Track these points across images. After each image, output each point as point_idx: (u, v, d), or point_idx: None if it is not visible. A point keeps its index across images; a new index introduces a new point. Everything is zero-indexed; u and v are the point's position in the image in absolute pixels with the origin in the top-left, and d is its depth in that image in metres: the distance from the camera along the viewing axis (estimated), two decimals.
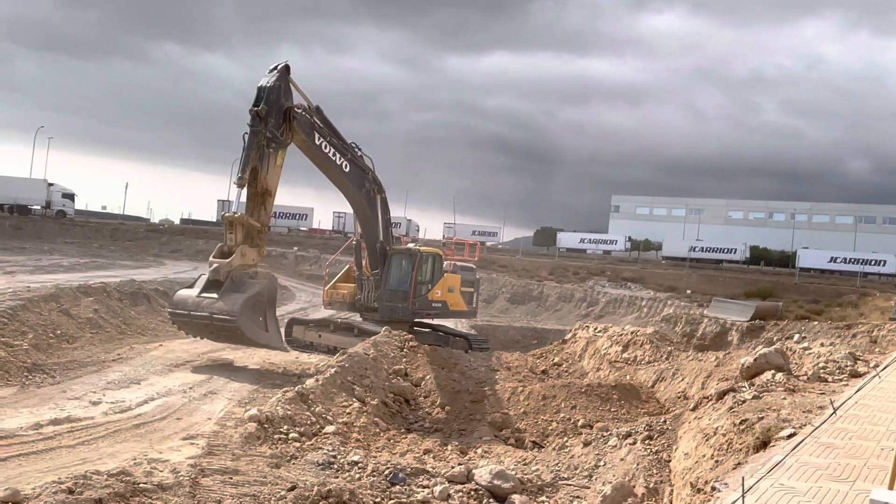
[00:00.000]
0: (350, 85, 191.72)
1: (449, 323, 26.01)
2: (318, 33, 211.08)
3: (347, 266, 24.81)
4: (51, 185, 65.47)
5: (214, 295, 17.18)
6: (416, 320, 23.40)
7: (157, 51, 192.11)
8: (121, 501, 7.68)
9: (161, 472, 8.73)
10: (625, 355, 21.54)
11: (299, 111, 18.47)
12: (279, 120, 17.74)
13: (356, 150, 20.90)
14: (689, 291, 44.09)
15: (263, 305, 17.91)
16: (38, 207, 63.88)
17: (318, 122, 19.31)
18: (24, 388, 13.74)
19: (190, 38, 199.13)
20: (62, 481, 7.86)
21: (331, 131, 19.71)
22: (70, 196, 66.65)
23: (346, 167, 20.35)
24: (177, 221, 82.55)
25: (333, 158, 19.88)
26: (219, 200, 79.08)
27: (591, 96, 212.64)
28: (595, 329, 25.24)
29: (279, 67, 18.18)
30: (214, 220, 77.70)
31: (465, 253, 29.35)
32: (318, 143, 19.21)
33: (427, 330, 23.52)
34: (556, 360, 23.95)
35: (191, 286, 18.41)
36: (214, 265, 17.37)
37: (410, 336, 19.47)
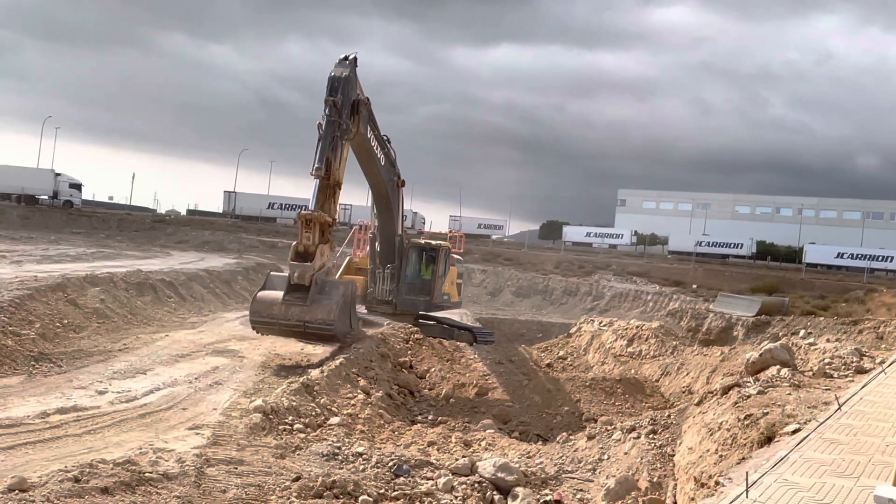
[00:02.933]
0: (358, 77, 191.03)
1: (454, 315, 26.04)
2: (326, 25, 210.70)
3: (347, 258, 24.84)
4: (58, 175, 65.65)
5: (301, 300, 16.62)
6: (420, 312, 23.46)
7: (166, 41, 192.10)
8: (126, 490, 7.73)
9: (166, 461, 8.78)
10: (630, 349, 21.53)
11: (365, 104, 18.35)
12: (349, 111, 17.58)
13: (388, 143, 20.98)
14: (694, 286, 43.99)
15: (349, 306, 17.75)
16: (46, 197, 64.09)
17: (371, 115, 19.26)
18: (30, 377, 13.81)
19: (198, 29, 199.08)
20: (68, 470, 7.91)
21: (376, 124, 19.73)
22: (77, 186, 66.84)
23: (381, 160, 20.40)
24: (183, 212, 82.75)
25: (376, 151, 19.90)
26: (225, 192, 79.32)
27: (599, 90, 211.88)
28: (600, 323, 25.24)
29: (350, 58, 18.05)
30: (220, 211, 77.93)
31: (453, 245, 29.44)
32: (368, 135, 19.18)
33: (432, 323, 23.58)
34: (561, 353, 23.98)
35: (265, 287, 17.71)
36: (298, 270, 16.68)
37: (416, 328, 19.54)
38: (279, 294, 16.84)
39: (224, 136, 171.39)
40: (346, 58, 18.01)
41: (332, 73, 17.55)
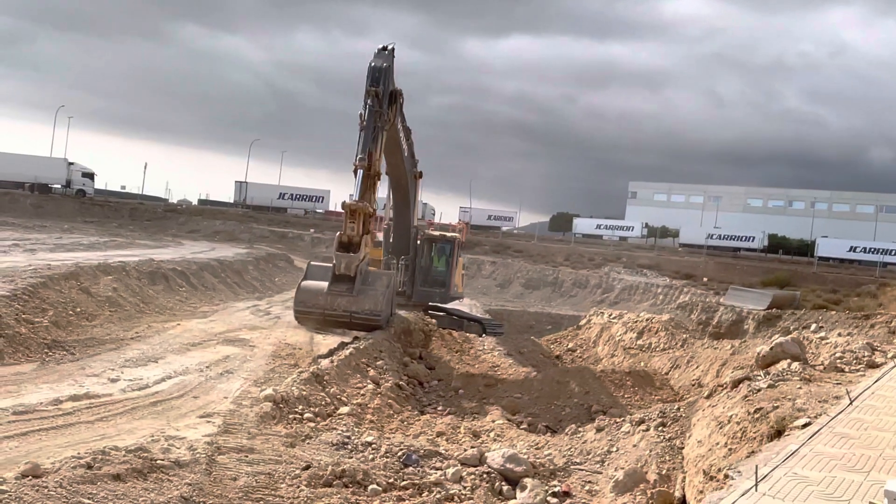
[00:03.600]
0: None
1: (464, 307, 26.08)
2: (337, 15, 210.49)
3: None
4: (71, 164, 66.03)
5: (347, 290, 16.62)
6: (430, 304, 23.51)
7: (179, 32, 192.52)
8: (138, 477, 7.80)
9: (178, 449, 8.85)
10: (639, 342, 21.50)
11: (401, 94, 18.32)
12: (387, 102, 17.56)
13: (410, 135, 21.04)
14: (705, 279, 43.81)
15: (392, 296, 17.74)
16: (59, 186, 64.49)
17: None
18: (44, 365, 13.93)
19: (211, 19, 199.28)
20: (81, 456, 7.99)
21: (404, 115, 19.74)
22: (90, 175, 67.19)
23: (405, 152, 20.44)
24: (195, 202, 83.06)
25: (402, 143, 19.93)
26: (236, 182, 79.58)
27: (611, 81, 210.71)
28: (610, 315, 25.20)
29: (389, 49, 18.00)
30: (231, 201, 78.18)
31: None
32: (398, 126, 19.20)
33: (442, 314, 23.63)
34: (571, 345, 23.98)
35: (307, 277, 17.67)
36: (344, 261, 16.65)
37: (434, 320, 19.64)
38: (323, 284, 16.86)
39: (235, 127, 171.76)
40: (384, 48, 18.03)
41: (373, 64, 17.55)
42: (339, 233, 17.13)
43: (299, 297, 17.20)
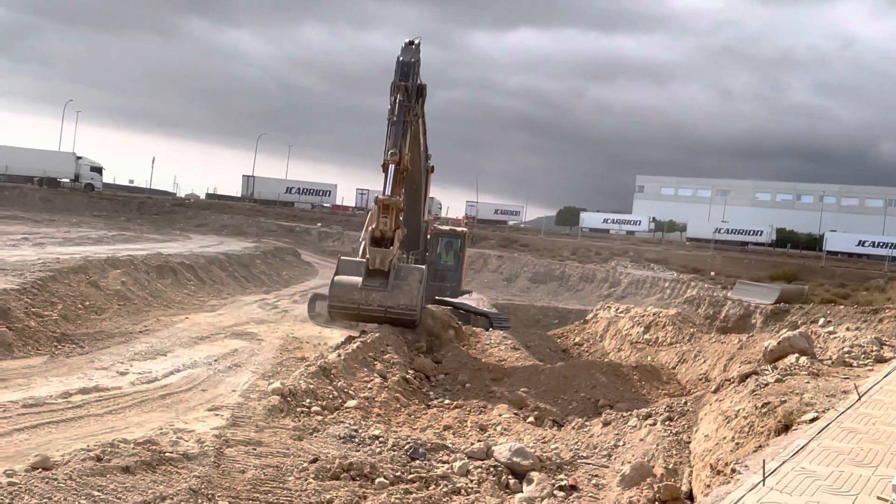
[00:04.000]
0: (375, 61, 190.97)
1: (470, 301, 26.09)
2: (343, 9, 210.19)
3: (362, 244, 24.88)
4: (79, 158, 66.27)
5: (381, 285, 16.59)
6: (437, 297, 23.52)
7: (186, 26, 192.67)
8: (147, 469, 7.85)
9: (187, 441, 8.91)
10: (646, 336, 21.48)
11: (425, 88, 18.34)
12: (415, 97, 17.57)
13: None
14: (713, 273, 43.65)
15: (423, 290, 17.76)
16: (67, 180, 64.74)
17: None
18: (53, 358, 14.03)
19: (218, 13, 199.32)
20: (90, 449, 8.05)
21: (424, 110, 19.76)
22: (98, 169, 67.42)
23: (422, 146, 20.46)
24: (202, 196, 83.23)
25: (421, 137, 19.92)
26: (243, 176, 79.73)
27: (618, 74, 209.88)
28: (617, 310, 25.18)
29: (416, 43, 17.98)
30: (239, 195, 78.34)
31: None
32: (420, 121, 19.19)
33: (448, 308, 23.65)
34: (577, 339, 23.99)
35: (339, 272, 17.47)
36: (379, 256, 16.60)
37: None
38: (356, 279, 16.81)
39: (243, 121, 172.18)
40: (411, 42, 18.04)
41: (402, 58, 17.57)
42: (371, 227, 17.16)
43: (334, 293, 16.98)
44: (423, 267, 18.78)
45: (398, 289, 16.63)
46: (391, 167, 16.72)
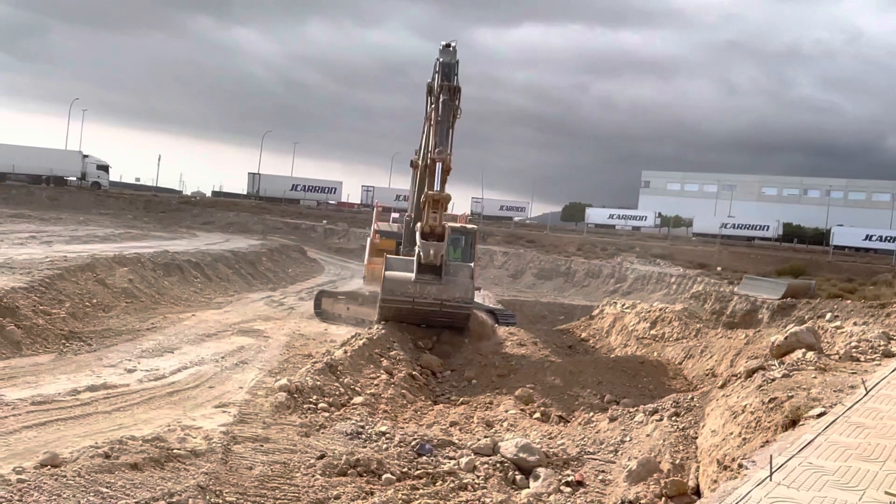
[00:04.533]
0: (380, 58, 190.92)
1: (476, 297, 26.07)
2: (348, 6, 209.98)
3: (369, 241, 24.90)
4: (86, 156, 66.51)
5: (435, 279, 16.58)
6: None
7: (191, 24, 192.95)
8: (155, 466, 7.89)
9: (194, 438, 8.95)
10: (652, 332, 21.42)
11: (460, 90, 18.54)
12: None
13: None
14: (719, 269, 43.51)
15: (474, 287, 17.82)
16: (74, 179, 64.99)
17: None
18: (61, 356, 14.10)
19: (223, 11, 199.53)
20: (99, 446, 8.10)
21: None
22: (105, 168, 67.66)
23: None
24: (208, 194, 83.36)
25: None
26: (249, 173, 79.91)
27: (623, 70, 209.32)
28: (623, 305, 25.11)
29: (453, 46, 18.35)
30: (245, 192, 78.49)
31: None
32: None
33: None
34: (584, 335, 23.92)
35: (389, 268, 17.49)
36: (433, 249, 16.61)
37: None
38: (408, 274, 16.80)
39: (248, 118, 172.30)
40: (448, 45, 18.32)
41: (443, 60, 18.04)
42: (420, 223, 17.18)
43: (387, 287, 16.84)
44: (472, 264, 18.90)
45: (452, 283, 16.63)
46: (438, 165, 16.94)
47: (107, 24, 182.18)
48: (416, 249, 17.21)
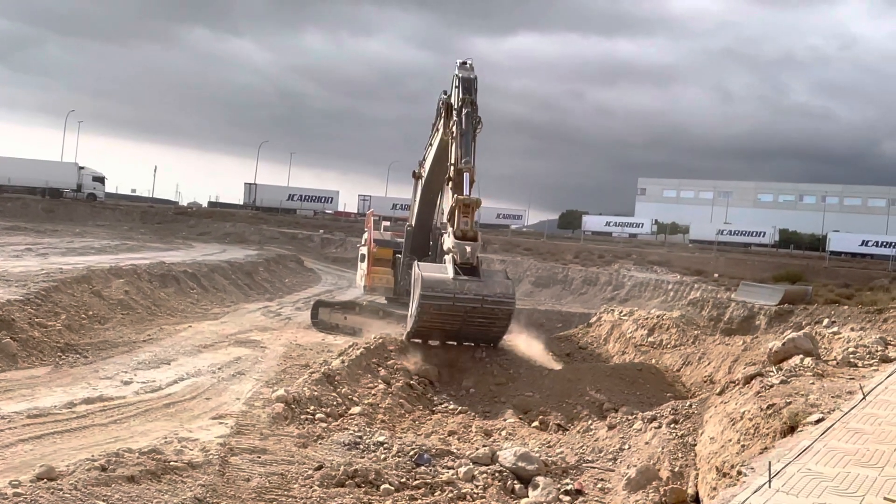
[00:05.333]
0: (376, 68, 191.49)
1: None
2: (344, 16, 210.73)
3: (366, 249, 24.83)
4: (82, 168, 66.49)
5: (473, 279, 16.42)
6: None
7: (186, 35, 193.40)
8: (152, 479, 7.86)
9: (191, 450, 8.91)
10: (650, 339, 21.43)
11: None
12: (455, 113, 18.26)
13: None
14: (716, 275, 43.53)
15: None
16: (70, 190, 64.91)
17: None
18: (57, 368, 14.05)
19: (219, 22, 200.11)
20: (95, 458, 8.06)
21: None
22: (100, 179, 67.64)
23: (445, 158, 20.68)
24: (205, 204, 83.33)
25: (451, 149, 20.15)
26: (245, 183, 79.87)
27: (618, 78, 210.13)
28: (620, 313, 25.11)
29: (469, 63, 18.90)
30: (241, 202, 78.48)
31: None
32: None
33: None
34: (581, 343, 23.91)
35: (423, 271, 17.11)
36: (470, 247, 16.59)
37: None
38: (446, 275, 16.60)
39: (244, 129, 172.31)
40: (464, 62, 18.88)
41: (462, 75, 18.47)
42: (451, 229, 17.18)
43: (426, 284, 16.37)
44: (504, 269, 18.89)
45: (491, 280, 16.64)
46: (465, 175, 17.24)
47: (103, 36, 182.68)
48: (447, 253, 17.21)
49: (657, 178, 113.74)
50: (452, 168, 17.74)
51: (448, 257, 17.06)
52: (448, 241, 17.22)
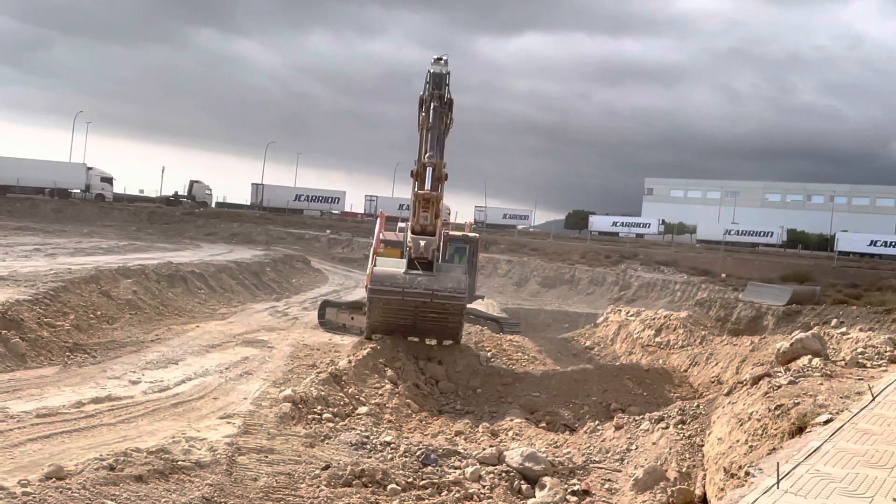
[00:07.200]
0: (382, 68, 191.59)
1: (480, 306, 26.06)
2: (350, 17, 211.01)
3: (372, 251, 24.86)
4: (90, 168, 66.83)
5: (425, 273, 16.17)
6: None
7: (194, 36, 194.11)
8: (160, 478, 7.88)
9: (199, 450, 8.93)
10: (657, 339, 21.41)
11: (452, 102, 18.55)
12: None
13: None
14: (723, 275, 43.41)
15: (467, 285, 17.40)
16: (78, 191, 65.25)
17: None
18: (66, 368, 14.09)
19: (226, 24, 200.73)
20: (104, 458, 8.08)
21: None
22: (108, 179, 67.95)
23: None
24: (212, 205, 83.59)
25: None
26: (253, 184, 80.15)
27: (625, 78, 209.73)
28: (627, 313, 25.09)
29: (444, 59, 18.44)
30: (248, 203, 78.70)
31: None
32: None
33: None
34: (588, 343, 23.91)
35: (377, 265, 17.24)
36: (423, 242, 16.25)
37: None
38: (397, 269, 16.41)
39: (252, 129, 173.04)
40: (439, 58, 18.43)
41: (434, 70, 18.02)
42: (410, 223, 16.96)
43: (375, 278, 16.31)
44: (464, 265, 18.68)
45: (443, 275, 16.26)
46: (428, 170, 16.65)
47: (111, 37, 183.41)
48: (408, 246, 16.96)
49: (664, 178, 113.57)
50: (418, 162, 17.40)
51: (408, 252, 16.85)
52: (408, 236, 17.03)
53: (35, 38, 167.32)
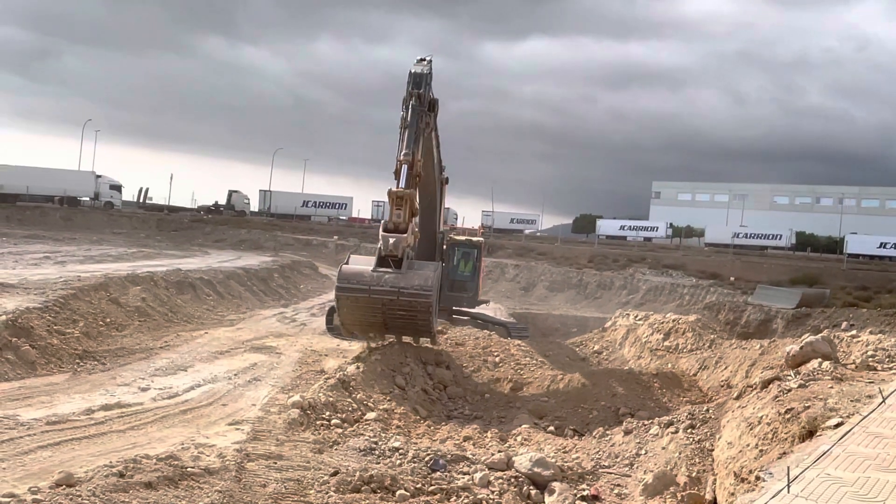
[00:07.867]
0: (388, 75, 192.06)
1: (487, 310, 26.05)
2: (357, 23, 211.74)
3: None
4: (99, 176, 67.21)
5: (394, 271, 15.91)
6: (454, 308, 23.50)
7: (201, 44, 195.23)
8: (169, 485, 7.90)
9: (208, 456, 8.96)
10: (666, 343, 21.32)
11: (437, 102, 18.44)
12: (427, 108, 17.75)
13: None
14: (732, 278, 43.25)
15: (440, 283, 17.14)
16: (87, 199, 65.60)
17: None
18: (75, 375, 14.15)
19: (233, 31, 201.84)
20: (113, 465, 8.12)
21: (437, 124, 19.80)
22: (117, 187, 68.33)
23: (436, 159, 20.49)
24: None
25: (434, 151, 19.95)
26: (260, 190, 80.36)
27: (631, 81, 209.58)
28: (636, 317, 25.03)
29: (428, 59, 18.30)
30: (256, 209, 78.89)
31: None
32: (431, 134, 19.24)
33: (466, 318, 23.62)
34: (597, 348, 23.83)
35: (348, 263, 17.01)
36: (392, 239, 15.97)
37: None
38: (366, 267, 16.23)
39: (259, 136, 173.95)
40: (422, 59, 18.32)
41: (414, 70, 17.80)
42: (383, 221, 16.86)
43: (342, 275, 16.15)
44: (439, 262, 18.52)
45: (411, 273, 16.09)
46: (404, 167, 16.44)
47: (119, 46, 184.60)
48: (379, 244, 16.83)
49: (672, 182, 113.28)
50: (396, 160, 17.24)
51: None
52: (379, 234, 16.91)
53: (44, 48, 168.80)
